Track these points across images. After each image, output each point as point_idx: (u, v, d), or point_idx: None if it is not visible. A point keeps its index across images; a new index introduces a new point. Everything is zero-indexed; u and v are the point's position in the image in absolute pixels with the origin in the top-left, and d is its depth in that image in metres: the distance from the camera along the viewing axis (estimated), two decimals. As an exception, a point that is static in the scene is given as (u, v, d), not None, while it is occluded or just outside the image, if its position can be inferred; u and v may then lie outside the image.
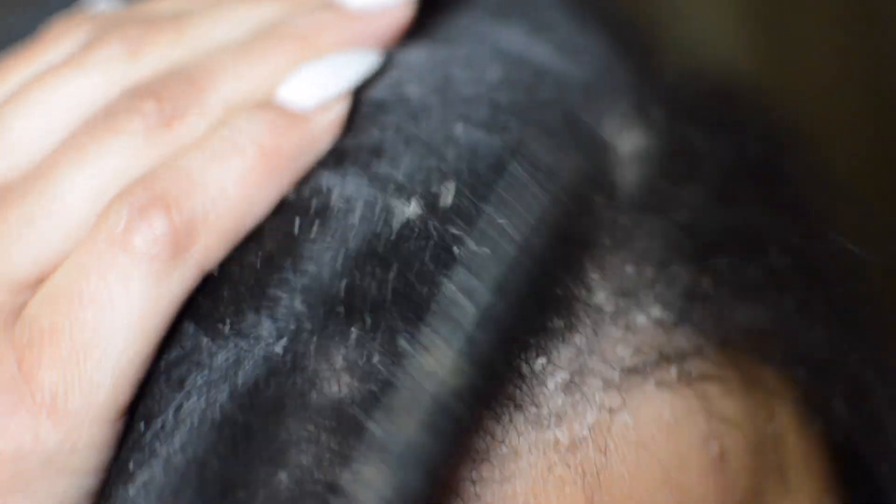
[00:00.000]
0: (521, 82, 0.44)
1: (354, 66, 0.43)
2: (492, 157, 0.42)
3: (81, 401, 0.38)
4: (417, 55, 0.45)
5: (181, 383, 0.40)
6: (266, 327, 0.39)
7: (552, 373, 0.40)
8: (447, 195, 0.41)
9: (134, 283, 0.39)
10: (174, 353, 0.40)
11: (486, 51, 0.45)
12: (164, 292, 0.39)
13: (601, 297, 0.42)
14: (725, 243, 0.44)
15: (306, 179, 0.42)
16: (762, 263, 0.44)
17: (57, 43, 0.44)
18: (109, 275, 0.39)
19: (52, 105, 0.42)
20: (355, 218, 0.40)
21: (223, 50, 0.43)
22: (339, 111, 0.42)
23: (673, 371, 0.41)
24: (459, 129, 0.42)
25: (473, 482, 0.39)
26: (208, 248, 0.40)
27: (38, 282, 0.40)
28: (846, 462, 0.47)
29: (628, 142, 0.45)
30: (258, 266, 0.40)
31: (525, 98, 0.44)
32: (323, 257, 0.40)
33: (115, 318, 0.39)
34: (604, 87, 0.46)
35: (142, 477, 0.39)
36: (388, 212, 0.40)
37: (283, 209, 0.41)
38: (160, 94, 0.41)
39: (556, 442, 0.40)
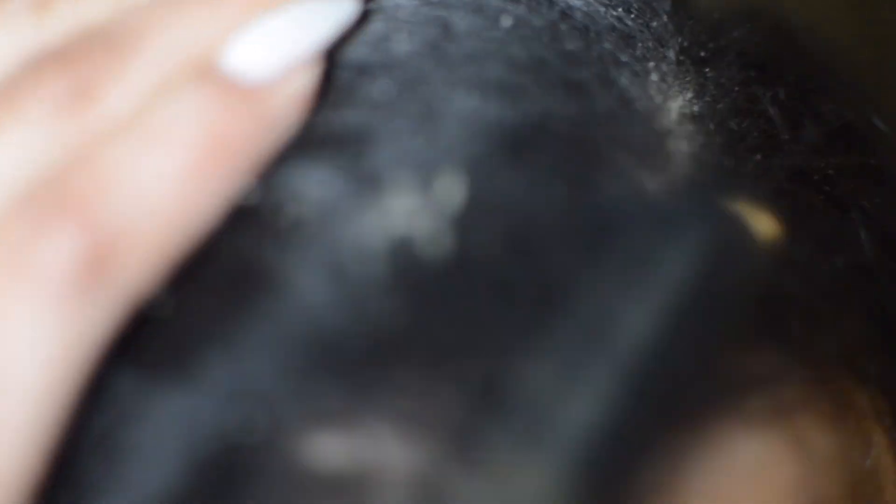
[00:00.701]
0: (542, 30, 0.35)
1: (326, 17, 0.33)
2: (508, 134, 0.33)
3: None
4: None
5: (118, 454, 0.31)
6: (225, 380, 0.30)
7: None
8: (452, 192, 0.31)
9: (38, 320, 0.29)
10: (108, 411, 0.31)
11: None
12: (79, 330, 0.30)
13: None
14: (812, 236, 0.36)
15: (268, 176, 0.32)
16: (857, 260, 0.36)
17: None
18: (7, 310, 0.29)
19: None
20: (338, 231, 0.31)
21: (153, 3, 0.33)
22: (305, 81, 0.33)
23: (754, 402, 0.33)
24: (462, 97, 0.33)
25: None
26: (136, 268, 0.30)
27: None
28: None
29: (680, 103, 0.36)
30: (212, 298, 0.31)
31: (548, 51, 0.35)
32: (296, 287, 0.31)
33: (14, 361, 0.29)
34: (644, 31, 0.37)
35: None
36: (381, 223, 0.31)
37: (240, 217, 0.32)
38: (70, 64, 0.32)
39: None
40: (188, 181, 0.31)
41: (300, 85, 0.33)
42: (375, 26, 0.35)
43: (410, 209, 0.31)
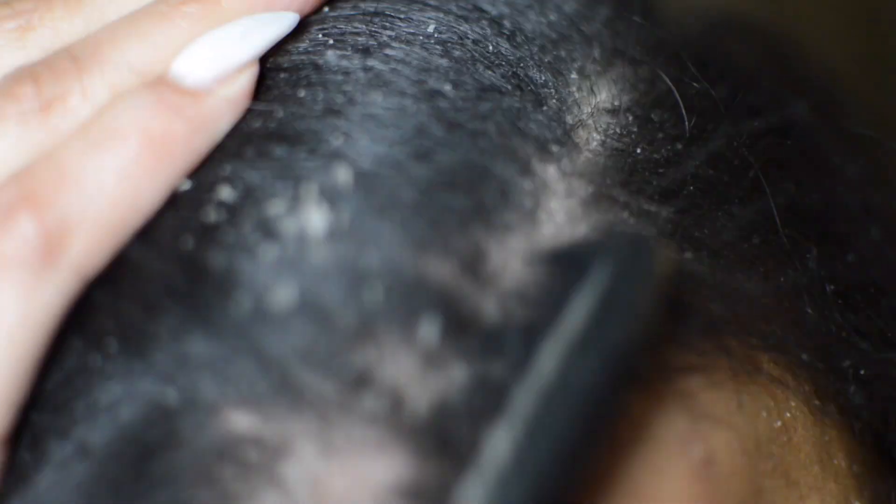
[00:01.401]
0: (464, 36, 0.39)
1: (262, 29, 0.38)
2: (414, 134, 0.36)
3: None
4: (342, 11, 0.39)
5: (66, 409, 0.35)
6: (158, 359, 0.34)
7: None
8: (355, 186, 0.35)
9: (3, 295, 0.34)
10: (60, 373, 0.36)
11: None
12: (37, 302, 0.35)
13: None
14: (717, 209, 0.38)
15: (208, 168, 0.37)
16: (762, 233, 0.38)
17: None
18: None
19: None
20: (264, 225, 0.35)
21: (118, 21, 0.38)
22: (241, 84, 0.37)
23: (643, 365, 0.35)
24: (378, 99, 0.37)
25: None
26: (86, 251, 0.35)
27: None
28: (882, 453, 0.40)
29: (595, 96, 0.39)
30: (153, 276, 0.35)
31: (468, 54, 0.38)
32: (225, 273, 0.35)
33: None
34: (571, 34, 0.40)
35: None
36: (300, 223, 0.35)
37: (179, 205, 0.36)
38: (39, 75, 0.37)
39: None
40: (132, 174, 0.36)
41: (237, 87, 0.37)
42: (312, 34, 0.39)
43: (319, 201, 0.35)
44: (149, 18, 0.38)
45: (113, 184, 0.35)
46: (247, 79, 0.37)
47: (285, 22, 0.38)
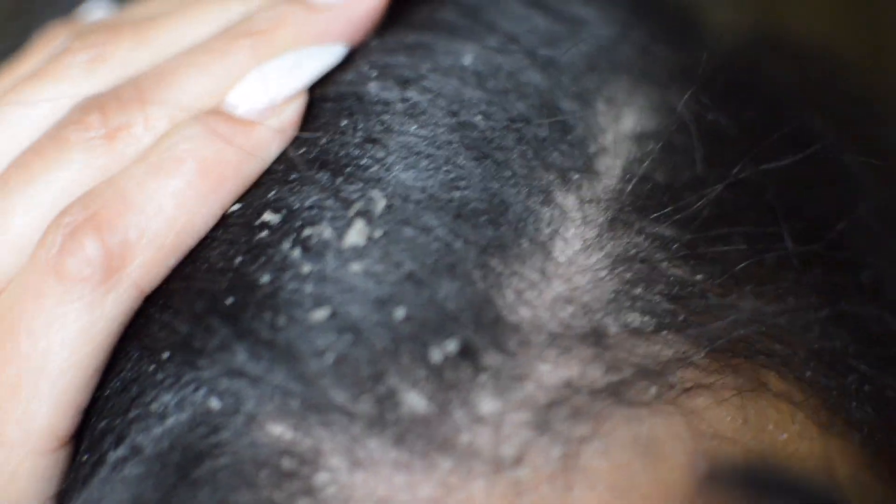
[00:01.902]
0: (499, 67, 0.41)
1: (311, 63, 0.41)
2: (444, 163, 0.39)
3: (17, 431, 0.38)
4: (387, 44, 0.42)
5: (122, 414, 0.39)
6: (205, 370, 0.38)
7: (508, 411, 0.36)
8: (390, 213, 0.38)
9: (68, 309, 0.38)
10: (117, 380, 0.39)
11: (470, 30, 0.42)
12: (98, 317, 0.38)
13: (567, 312, 0.38)
14: (722, 233, 0.40)
15: (256, 192, 0.40)
16: (772, 254, 0.40)
17: (34, 55, 0.44)
18: (44, 301, 0.38)
19: (13, 121, 0.42)
20: (305, 245, 0.38)
21: (180, 55, 0.42)
22: (289, 114, 0.40)
23: (651, 387, 0.37)
24: (413, 129, 0.40)
25: None
26: (144, 269, 0.39)
27: None
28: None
29: (620, 123, 0.41)
30: (203, 292, 0.39)
31: (501, 85, 0.41)
32: (275, 292, 0.38)
33: (49, 346, 0.38)
34: (601, 64, 0.42)
35: None
36: (338, 245, 0.38)
37: (229, 227, 0.39)
38: (106, 106, 0.40)
39: (518, 483, 0.36)
40: (187, 198, 0.39)
41: (286, 117, 0.40)
42: (359, 66, 0.42)
43: (355, 225, 0.38)
44: (207, 53, 0.41)
45: (170, 207, 0.39)
46: (294, 109, 0.40)
47: (333, 55, 0.41)
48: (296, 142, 0.41)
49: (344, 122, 0.40)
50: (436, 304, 0.37)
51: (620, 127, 0.41)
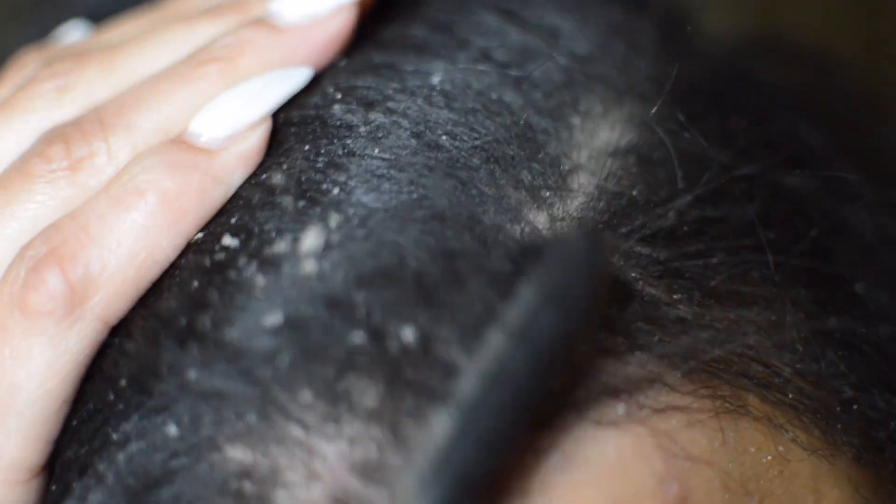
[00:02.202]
0: (468, 86, 0.40)
1: (276, 88, 0.41)
2: (408, 184, 0.38)
3: None
4: (354, 64, 0.42)
5: (87, 443, 0.38)
6: (161, 395, 0.37)
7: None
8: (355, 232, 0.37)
9: (32, 343, 0.38)
10: (83, 411, 0.39)
11: (441, 46, 0.41)
12: (63, 350, 0.38)
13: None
14: (701, 249, 0.39)
15: (218, 217, 0.39)
16: (751, 272, 0.39)
17: (4, 83, 0.44)
18: (8, 336, 0.38)
19: None
20: (261, 265, 0.38)
21: (143, 83, 0.41)
22: (253, 140, 0.40)
23: (619, 406, 0.37)
24: (375, 152, 0.39)
25: None
26: (107, 302, 0.39)
27: None
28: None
29: (595, 139, 0.40)
30: (160, 317, 0.38)
31: (470, 104, 0.40)
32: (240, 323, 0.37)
33: (15, 380, 0.38)
34: (577, 78, 0.41)
35: None
36: (293, 263, 0.37)
37: (189, 253, 0.39)
38: (69, 137, 0.40)
39: None
40: (148, 230, 0.39)
41: (248, 144, 0.40)
42: (324, 88, 0.41)
43: (322, 245, 0.38)
44: (171, 80, 0.41)
45: (132, 239, 0.39)
46: (258, 136, 0.40)
47: (298, 79, 0.41)
48: (260, 167, 0.40)
49: (307, 147, 0.40)
50: (392, 307, 0.36)
51: (595, 142, 0.40)
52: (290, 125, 0.41)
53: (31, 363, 0.38)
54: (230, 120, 0.40)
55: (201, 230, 0.39)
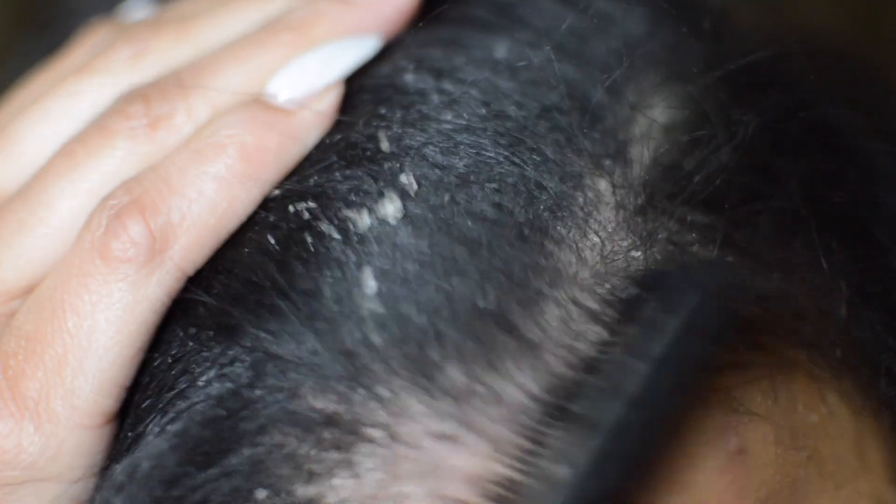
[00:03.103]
0: (530, 60, 0.42)
1: (348, 54, 0.42)
2: (478, 151, 0.40)
3: (62, 407, 0.39)
4: (422, 38, 0.43)
5: (166, 391, 0.39)
6: (250, 348, 0.39)
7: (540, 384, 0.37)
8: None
9: (113, 289, 0.39)
10: (162, 359, 0.40)
11: (502, 26, 0.43)
12: (142, 296, 0.39)
13: (603, 290, 0.39)
14: (755, 217, 0.41)
15: (296, 175, 0.41)
16: (798, 238, 0.41)
17: (78, 51, 0.45)
18: (89, 281, 0.39)
19: (58, 112, 0.43)
20: (343, 226, 0.39)
21: (220, 49, 0.43)
22: (328, 101, 0.41)
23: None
24: (448, 117, 0.41)
25: None
26: (186, 251, 0.40)
27: (29, 289, 0.41)
28: None
29: (649, 114, 0.42)
30: (244, 272, 0.40)
31: (532, 77, 0.42)
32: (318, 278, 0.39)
33: (94, 325, 0.39)
34: (629, 58, 0.43)
35: (122, 482, 0.39)
36: (374, 225, 0.39)
37: (270, 210, 0.40)
38: (149, 96, 0.42)
39: None
40: (228, 183, 0.40)
41: (324, 105, 0.42)
42: (395, 58, 0.43)
43: (402, 207, 0.39)
44: (248, 46, 0.42)
45: (211, 191, 0.40)
46: (332, 98, 0.42)
47: (368, 47, 0.43)
48: (335, 128, 0.42)
49: (383, 111, 0.41)
50: (474, 279, 0.38)
51: (649, 118, 0.42)
52: (363, 92, 0.42)
53: (111, 309, 0.39)
54: (307, 81, 0.41)
55: (277, 188, 0.41)
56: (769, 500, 0.39)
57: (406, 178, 0.40)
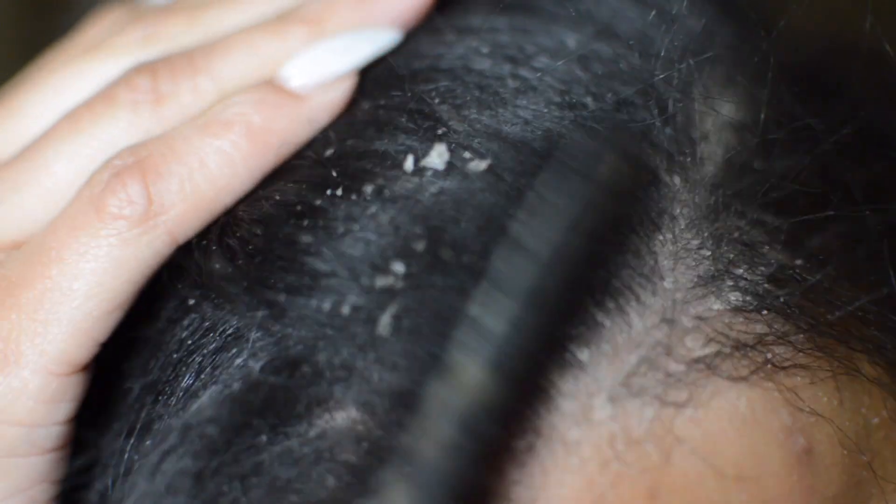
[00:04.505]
0: (600, 53, 0.41)
1: (362, 45, 0.41)
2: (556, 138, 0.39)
3: (30, 350, 0.38)
4: (493, 24, 0.42)
5: (188, 357, 0.39)
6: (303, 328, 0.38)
7: (600, 363, 0.37)
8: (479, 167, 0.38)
9: (101, 242, 0.38)
10: (178, 327, 0.39)
11: (568, 18, 0.42)
12: (130, 255, 0.39)
13: (667, 283, 0.38)
14: (823, 221, 0.40)
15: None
16: (864, 245, 0.40)
17: (90, 31, 0.44)
18: (80, 233, 0.39)
19: (66, 86, 0.42)
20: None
21: (234, 34, 0.42)
22: (341, 90, 0.40)
23: (749, 361, 0.38)
24: (525, 103, 0.40)
25: (517, 482, 0.37)
26: (180, 217, 0.39)
27: (15, 245, 0.40)
28: None
29: (718, 111, 0.41)
30: (271, 241, 0.39)
31: (605, 69, 0.41)
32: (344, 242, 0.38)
33: (77, 274, 0.38)
34: (694, 55, 0.41)
35: (157, 442, 0.38)
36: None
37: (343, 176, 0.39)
38: (157, 72, 0.40)
39: (612, 437, 0.37)
40: (232, 158, 0.39)
41: (336, 93, 0.40)
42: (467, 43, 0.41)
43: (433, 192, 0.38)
44: (260, 33, 0.41)
45: (214, 164, 0.39)
46: (345, 87, 0.40)
47: (384, 41, 0.41)
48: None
49: (459, 90, 0.40)
50: (536, 263, 0.36)
51: (717, 116, 0.41)
52: (435, 71, 0.41)
53: (98, 261, 0.38)
54: (320, 69, 0.40)
55: (333, 146, 0.40)
56: (836, 499, 0.38)
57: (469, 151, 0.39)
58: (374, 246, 0.37)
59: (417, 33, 0.42)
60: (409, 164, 0.38)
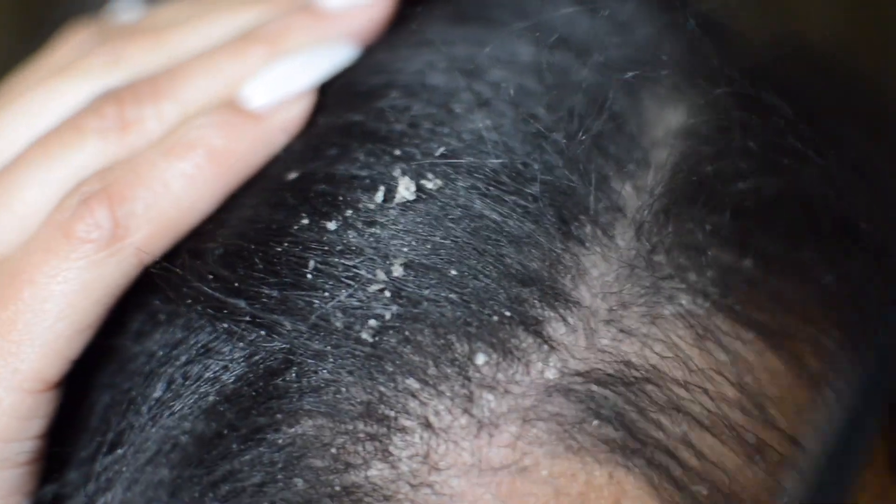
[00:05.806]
0: (552, 64, 0.42)
1: (320, 63, 0.43)
2: (511, 150, 0.40)
3: (2, 369, 0.40)
4: (447, 36, 0.43)
5: (160, 368, 0.41)
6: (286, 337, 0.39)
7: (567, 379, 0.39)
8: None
9: (71, 265, 0.40)
10: (150, 340, 0.41)
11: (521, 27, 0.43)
12: (98, 276, 0.40)
13: (625, 291, 0.39)
14: (766, 223, 0.41)
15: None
16: (804, 243, 0.41)
17: (58, 53, 0.46)
18: (50, 256, 0.40)
19: (35, 110, 0.44)
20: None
21: (196, 57, 0.43)
22: (299, 108, 0.42)
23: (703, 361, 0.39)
24: (478, 118, 0.41)
25: None
26: (147, 240, 0.41)
27: None
28: None
29: (667, 119, 0.42)
30: (241, 257, 0.40)
31: (556, 80, 0.42)
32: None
33: (48, 296, 0.40)
34: (644, 62, 0.43)
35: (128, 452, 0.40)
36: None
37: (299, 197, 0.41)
38: (122, 99, 0.42)
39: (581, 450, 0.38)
40: (194, 180, 0.41)
41: (295, 111, 0.42)
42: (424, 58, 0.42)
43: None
44: (221, 55, 0.43)
45: (178, 186, 0.41)
46: (303, 106, 0.42)
47: (342, 56, 0.43)
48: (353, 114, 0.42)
49: (416, 106, 0.41)
50: (496, 275, 0.38)
51: (667, 122, 0.42)
52: (391, 88, 0.42)
53: (67, 283, 0.40)
54: (279, 88, 0.42)
55: (296, 170, 0.41)
56: None
57: (431, 174, 0.40)
58: (342, 265, 0.39)
59: (375, 48, 0.44)
60: (379, 196, 0.40)
